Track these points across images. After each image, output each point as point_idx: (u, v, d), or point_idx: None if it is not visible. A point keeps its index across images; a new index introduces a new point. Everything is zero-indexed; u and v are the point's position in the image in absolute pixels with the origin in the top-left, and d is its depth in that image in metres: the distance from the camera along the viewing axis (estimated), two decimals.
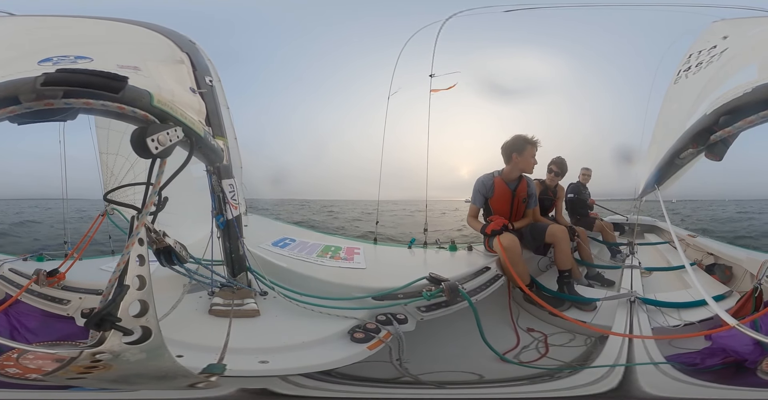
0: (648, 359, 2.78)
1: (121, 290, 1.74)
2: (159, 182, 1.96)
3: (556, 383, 2.85)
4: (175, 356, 2.04)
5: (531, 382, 2.89)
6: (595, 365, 2.89)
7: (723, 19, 3.40)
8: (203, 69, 2.92)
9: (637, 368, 2.77)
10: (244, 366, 2.26)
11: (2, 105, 1.57)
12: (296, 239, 4.91)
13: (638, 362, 2.81)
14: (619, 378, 2.76)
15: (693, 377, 2.67)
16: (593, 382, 2.78)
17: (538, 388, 2.84)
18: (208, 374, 2.13)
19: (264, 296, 3.21)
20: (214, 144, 2.73)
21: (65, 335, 2.77)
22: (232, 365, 2.19)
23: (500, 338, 3.46)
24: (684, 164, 2.74)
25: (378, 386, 2.73)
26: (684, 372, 2.69)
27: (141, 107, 1.77)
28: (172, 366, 2.00)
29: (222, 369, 2.15)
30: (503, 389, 2.82)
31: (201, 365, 2.14)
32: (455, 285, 2.99)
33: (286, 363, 2.36)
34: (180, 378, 2.10)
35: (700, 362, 2.82)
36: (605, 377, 2.77)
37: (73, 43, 2.15)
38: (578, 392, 2.75)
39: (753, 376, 2.57)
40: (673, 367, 2.71)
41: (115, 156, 4.37)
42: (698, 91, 2.82)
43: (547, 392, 2.81)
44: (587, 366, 2.94)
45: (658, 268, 4.97)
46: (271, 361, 2.34)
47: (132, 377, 1.99)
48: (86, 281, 3.12)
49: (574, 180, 6.72)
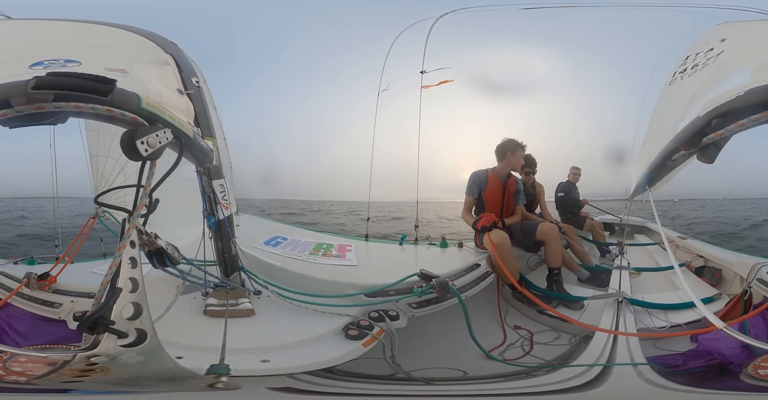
0: (629, 360, 2.78)
1: (114, 292, 1.74)
2: (149, 184, 1.96)
3: (531, 380, 2.86)
4: (175, 358, 2.05)
5: (507, 379, 2.90)
6: (574, 364, 2.89)
7: (726, 22, 3.40)
8: (189, 70, 2.91)
9: (615, 369, 2.75)
10: (248, 366, 2.26)
11: None
12: (288, 238, 4.93)
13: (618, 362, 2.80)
14: (588, 379, 2.75)
15: (668, 380, 2.64)
16: (564, 380, 2.78)
17: (514, 385, 2.84)
18: (215, 374, 2.13)
19: (258, 296, 3.21)
20: (204, 145, 2.73)
21: (57, 339, 2.74)
22: (234, 365, 2.18)
23: (488, 334, 3.50)
24: (676, 166, 2.77)
25: (372, 382, 2.74)
26: (661, 374, 2.68)
27: (130, 110, 1.77)
28: (174, 368, 2.01)
29: (227, 369, 2.15)
30: (484, 386, 2.83)
31: (203, 365, 2.13)
32: (445, 282, 3.02)
33: (287, 362, 2.36)
34: (190, 380, 2.11)
35: (682, 364, 2.81)
36: (578, 376, 2.77)
37: (62, 47, 2.15)
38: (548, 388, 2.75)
39: (734, 379, 2.55)
40: (651, 368, 2.69)
41: (105, 158, 4.35)
42: (692, 94, 2.84)
43: (521, 388, 2.80)
44: (566, 365, 2.95)
45: (647, 268, 5.00)
46: (272, 360, 2.34)
47: (137, 379, 2.00)
48: (78, 285, 3.10)
49: (563, 179, 6.79)
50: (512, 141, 4.54)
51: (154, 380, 2.06)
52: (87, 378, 1.82)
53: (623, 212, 6.43)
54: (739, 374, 2.55)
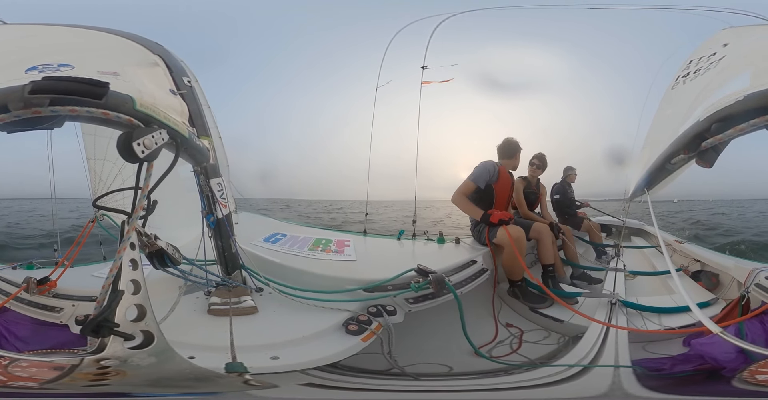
0: (614, 362, 2.75)
1: (116, 295, 1.76)
2: (147, 186, 1.97)
3: (511, 377, 2.87)
4: (188, 358, 2.07)
5: (484, 376, 2.91)
6: (556, 364, 2.89)
7: (731, 27, 3.37)
8: (179, 70, 2.90)
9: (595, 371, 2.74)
10: (260, 363, 2.27)
11: None
12: (287, 234, 4.94)
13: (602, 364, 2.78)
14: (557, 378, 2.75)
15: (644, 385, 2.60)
16: (543, 377, 2.79)
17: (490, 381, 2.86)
18: (236, 372, 2.15)
19: (260, 293, 3.23)
20: (200, 144, 2.73)
21: (60, 343, 2.74)
22: (247, 363, 2.21)
23: (480, 331, 3.51)
24: (675, 169, 2.78)
25: (369, 377, 2.76)
26: (641, 377, 2.64)
27: (125, 112, 1.78)
28: (189, 368, 2.03)
29: (243, 368, 2.17)
30: (467, 382, 2.85)
31: (217, 364, 2.15)
32: (442, 277, 3.02)
33: (296, 358, 2.38)
34: (215, 379, 2.13)
35: (669, 368, 2.77)
36: (557, 374, 2.77)
37: (55, 51, 2.14)
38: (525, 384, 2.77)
39: (723, 384, 2.51)
40: (633, 371, 2.66)
41: (102, 162, 4.34)
42: (693, 98, 2.84)
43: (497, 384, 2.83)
44: (548, 364, 2.96)
45: (643, 272, 5.00)
46: (281, 357, 2.36)
47: (163, 380, 2.01)
48: (79, 289, 3.08)
49: (558, 179, 6.81)
50: (516, 142, 4.62)
51: (179, 381, 2.08)
52: (107, 381, 1.83)
53: (621, 213, 6.43)
54: (731, 380, 2.50)
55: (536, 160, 5.56)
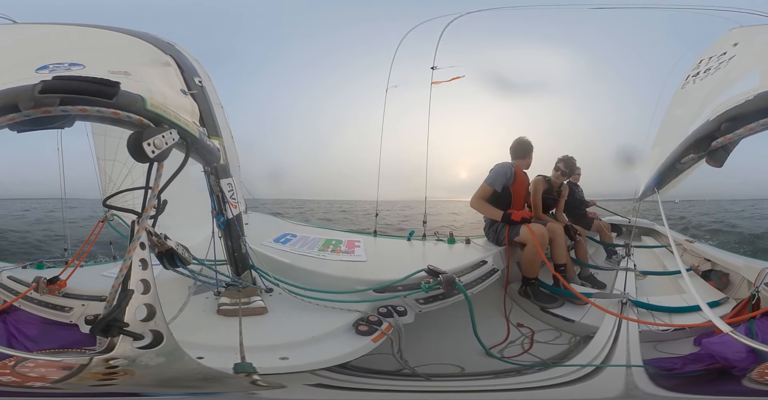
0: (625, 362, 2.74)
1: (126, 294, 1.75)
2: (157, 185, 1.97)
3: (523, 377, 2.87)
4: (197, 358, 2.06)
5: (496, 376, 2.91)
6: (568, 364, 2.88)
7: (741, 26, 3.35)
8: (191, 70, 2.91)
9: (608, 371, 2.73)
10: (269, 363, 2.27)
11: (2, 113, 1.58)
12: (297, 235, 4.94)
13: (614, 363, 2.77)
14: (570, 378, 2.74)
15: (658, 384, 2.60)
16: (554, 377, 2.78)
17: (503, 381, 2.86)
18: (244, 373, 2.14)
19: (270, 293, 3.22)
20: (210, 144, 2.73)
21: (69, 343, 2.75)
22: (256, 363, 2.20)
23: (492, 331, 3.49)
24: (685, 169, 2.76)
25: (381, 377, 2.75)
26: (653, 377, 2.63)
27: (135, 112, 1.77)
28: (198, 368, 2.02)
29: (252, 368, 2.17)
30: (478, 382, 2.85)
31: (225, 365, 2.15)
32: (452, 278, 3.00)
33: (305, 358, 2.37)
34: (224, 379, 2.13)
35: (679, 368, 2.76)
36: (568, 374, 2.77)
37: (66, 50, 2.14)
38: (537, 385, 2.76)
39: (734, 384, 2.51)
40: (645, 371, 2.66)
41: (112, 162, 4.35)
42: (703, 98, 2.81)
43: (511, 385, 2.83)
44: (560, 364, 2.95)
45: (653, 272, 4.95)
46: (291, 357, 2.35)
47: (172, 380, 2.01)
48: (88, 288, 3.09)
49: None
50: (529, 142, 4.60)
51: (189, 381, 2.08)
52: (115, 381, 1.83)
53: (631, 213, 6.37)
54: (741, 379, 2.50)
55: (562, 165, 5.40)
